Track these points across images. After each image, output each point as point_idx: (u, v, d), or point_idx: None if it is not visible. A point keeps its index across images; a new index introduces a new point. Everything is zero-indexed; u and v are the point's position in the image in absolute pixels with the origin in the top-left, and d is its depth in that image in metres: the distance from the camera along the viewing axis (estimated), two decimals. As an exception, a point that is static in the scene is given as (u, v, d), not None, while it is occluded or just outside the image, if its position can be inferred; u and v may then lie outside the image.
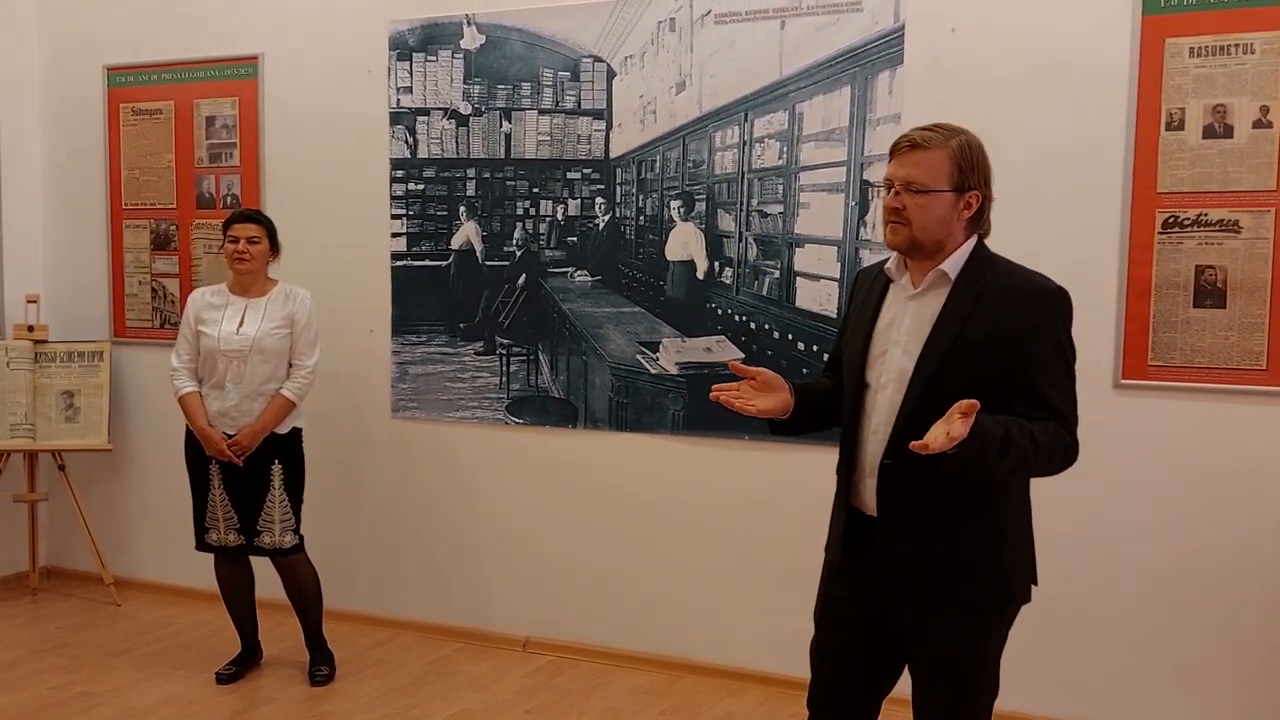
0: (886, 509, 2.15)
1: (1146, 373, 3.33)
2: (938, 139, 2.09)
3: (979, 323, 2.05)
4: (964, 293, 2.09)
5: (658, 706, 3.71)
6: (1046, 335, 2.06)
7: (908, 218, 2.09)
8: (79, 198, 4.92)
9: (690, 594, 3.96)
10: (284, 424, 3.79)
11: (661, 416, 3.94)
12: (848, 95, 3.61)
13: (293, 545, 3.82)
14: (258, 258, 3.77)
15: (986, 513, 2.13)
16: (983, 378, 2.03)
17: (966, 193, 2.10)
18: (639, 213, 3.96)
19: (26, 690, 3.78)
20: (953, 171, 2.08)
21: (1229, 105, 3.21)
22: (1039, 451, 2.01)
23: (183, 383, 3.81)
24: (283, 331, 3.77)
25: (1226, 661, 3.30)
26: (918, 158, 2.09)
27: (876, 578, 2.19)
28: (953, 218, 2.10)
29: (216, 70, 4.60)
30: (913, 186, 2.09)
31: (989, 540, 2.13)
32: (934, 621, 2.16)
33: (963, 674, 2.19)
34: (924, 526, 2.12)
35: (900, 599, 2.18)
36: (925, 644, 2.19)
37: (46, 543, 5.05)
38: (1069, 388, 2.08)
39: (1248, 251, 3.21)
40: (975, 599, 2.14)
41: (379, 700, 3.73)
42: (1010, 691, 3.51)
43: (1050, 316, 2.07)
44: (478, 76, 4.15)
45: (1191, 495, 3.31)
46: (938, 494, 2.09)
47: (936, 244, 2.11)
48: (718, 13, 3.77)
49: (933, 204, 2.08)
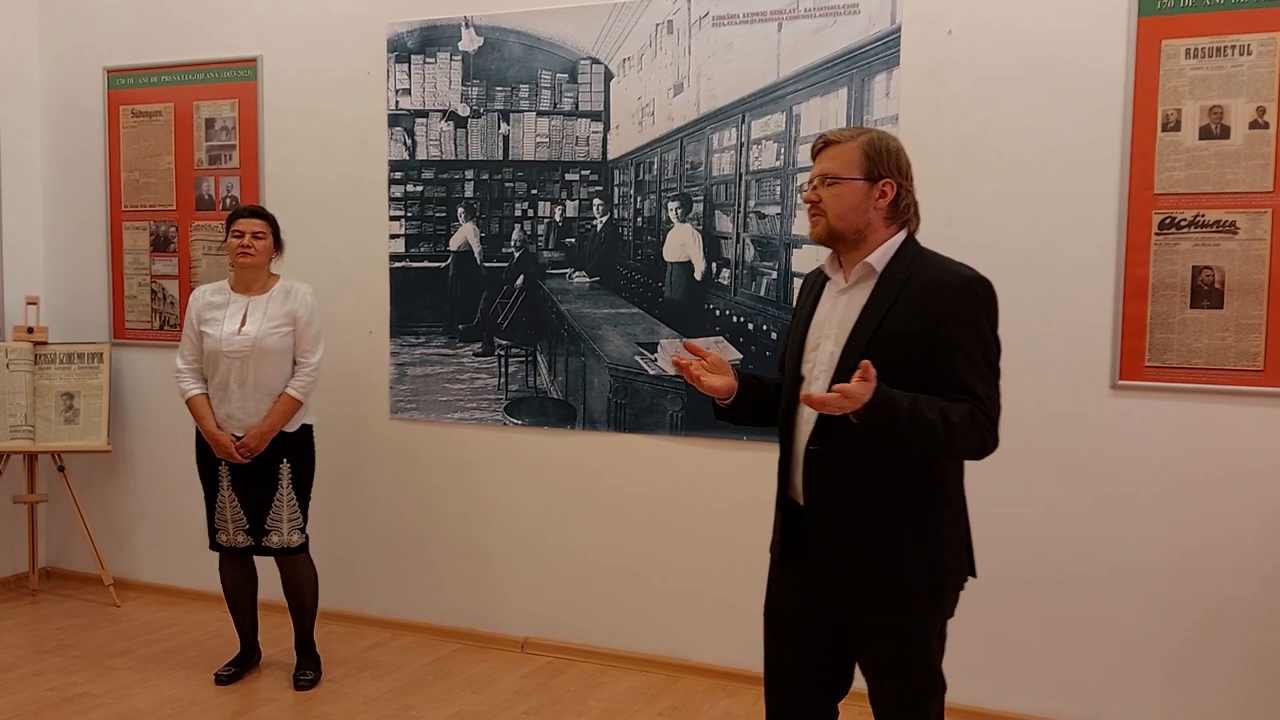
0: (813, 495, 2.21)
1: (1143, 374, 3.34)
2: (849, 135, 2.22)
3: (901, 312, 2.13)
4: (889, 284, 2.17)
5: (656, 707, 3.71)
6: (964, 323, 2.11)
7: (823, 209, 2.20)
8: (79, 200, 4.93)
9: (688, 594, 3.97)
10: (292, 422, 3.77)
11: (660, 417, 3.95)
12: (845, 97, 3.61)
13: (300, 544, 3.82)
14: (262, 253, 3.75)
15: (913, 499, 2.17)
16: (905, 365, 2.09)
17: (879, 181, 2.19)
18: (637, 214, 3.97)
19: (26, 691, 3.78)
20: (863, 161, 2.19)
21: (1225, 106, 3.22)
22: (950, 429, 2.05)
23: (188, 385, 3.80)
24: (284, 329, 3.75)
25: (1223, 661, 3.30)
26: (832, 152, 2.21)
27: (812, 567, 2.24)
28: (868, 206, 2.19)
29: (216, 72, 4.61)
30: (827, 178, 2.20)
31: (916, 526, 2.17)
32: (867, 609, 2.20)
33: (900, 662, 2.22)
34: (850, 511, 2.17)
35: (834, 587, 2.22)
36: (861, 632, 2.23)
37: (46, 544, 5.06)
38: (988, 374, 2.13)
39: (1244, 252, 3.22)
40: (905, 585, 2.18)
41: (377, 701, 3.73)
42: (1007, 691, 3.54)
43: (968, 304, 2.13)
44: (476, 78, 4.16)
45: (1188, 495, 3.31)
46: (863, 479, 2.15)
47: (855, 233, 2.20)
48: (715, 15, 3.78)
49: (845, 192, 2.19)
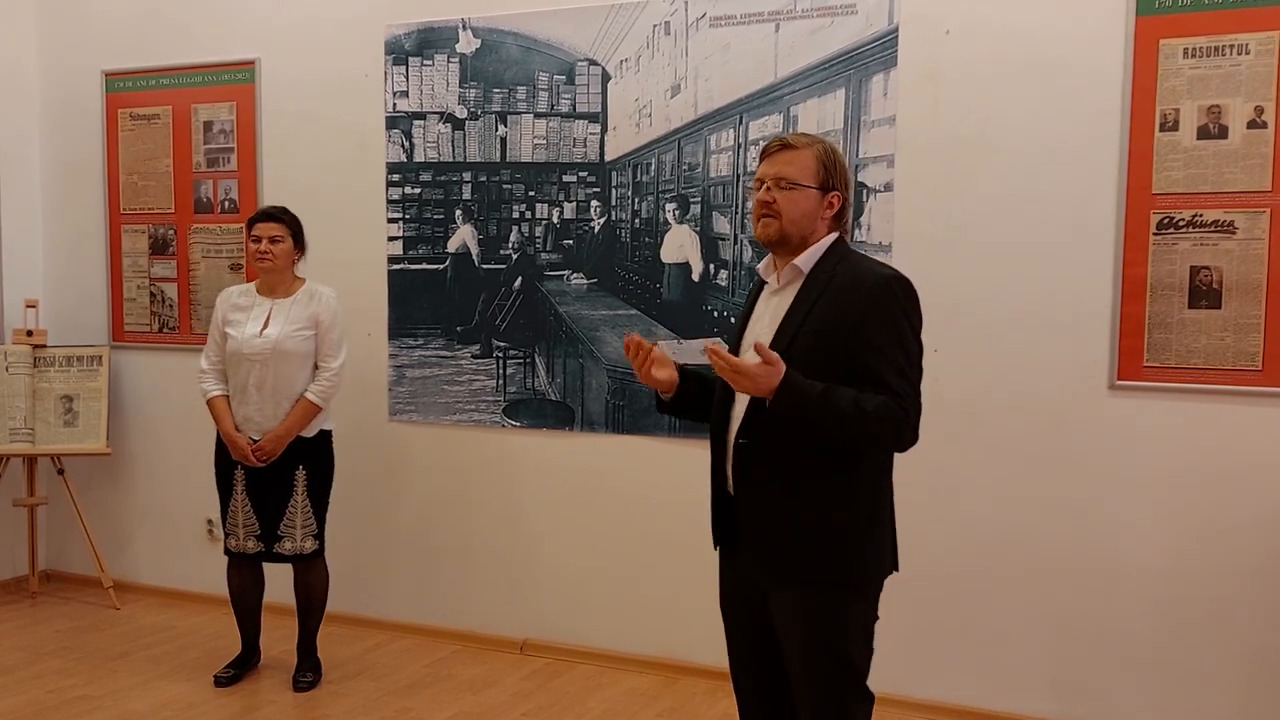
0: (741, 484, 2.29)
1: (1141, 374, 3.33)
2: (805, 141, 2.29)
3: (822, 311, 2.19)
4: (813, 284, 2.24)
5: (655, 708, 3.71)
6: (881, 321, 2.17)
7: (778, 210, 2.25)
8: (77, 203, 4.93)
9: (687, 595, 3.96)
10: (310, 427, 3.75)
11: (658, 419, 3.94)
12: (842, 98, 3.61)
13: (313, 551, 3.81)
14: (280, 256, 3.72)
15: (835, 490, 2.22)
16: (826, 361, 2.15)
17: (829, 193, 2.27)
18: (634, 216, 3.97)
19: (26, 694, 3.78)
20: (819, 171, 2.25)
21: (1223, 106, 3.21)
22: (864, 417, 2.11)
23: (210, 385, 3.80)
24: (306, 333, 3.73)
25: (1221, 661, 3.30)
26: (788, 156, 2.26)
27: (743, 555, 2.32)
28: (817, 215, 2.26)
29: (214, 75, 4.61)
30: (783, 182, 2.24)
31: (836, 517, 2.22)
32: (786, 596, 2.26)
33: (816, 651, 2.24)
34: (775, 500, 2.24)
35: (760, 574, 2.30)
36: (780, 619, 2.29)
37: (45, 547, 5.07)
38: (906, 369, 2.18)
39: (1242, 252, 3.21)
40: (822, 574, 2.22)
41: (377, 703, 3.73)
42: (1004, 691, 3.53)
43: (885, 302, 2.18)
44: (473, 80, 4.16)
45: (1186, 496, 3.31)
46: (788, 471, 2.22)
47: (801, 238, 2.26)
48: (713, 16, 3.78)
49: (801, 198, 2.24)
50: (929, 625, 3.61)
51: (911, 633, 3.61)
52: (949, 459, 3.55)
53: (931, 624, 3.61)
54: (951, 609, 3.59)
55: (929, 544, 3.58)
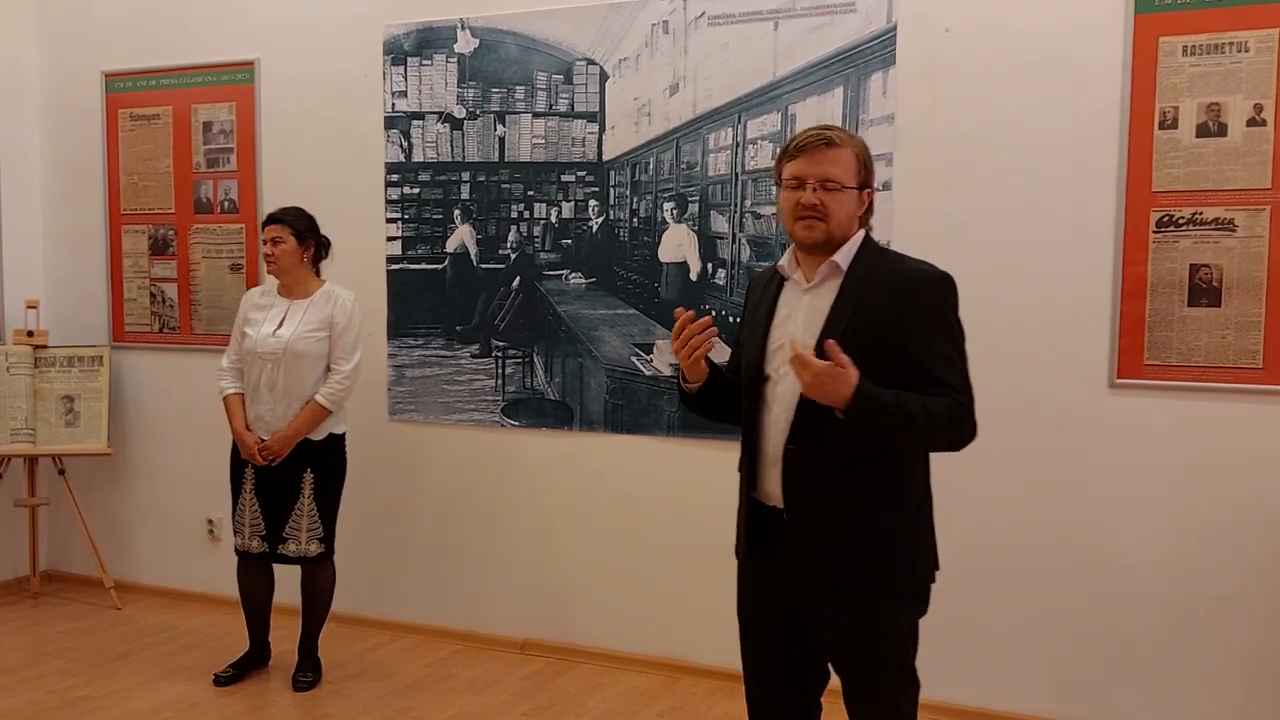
0: (792, 495, 2.19)
1: (1142, 372, 3.32)
2: (846, 138, 2.19)
3: (869, 309, 2.13)
4: (855, 283, 2.17)
5: (656, 708, 3.71)
6: (933, 317, 2.13)
7: (826, 213, 2.14)
8: (78, 203, 4.94)
9: (688, 595, 3.96)
10: (319, 430, 3.74)
11: (657, 418, 3.94)
12: (841, 96, 3.60)
13: (318, 554, 3.80)
14: (283, 257, 3.72)
15: (889, 498, 2.18)
16: (876, 361, 2.08)
17: (864, 190, 2.21)
18: (633, 215, 3.96)
19: (27, 694, 3.79)
20: (859, 170, 2.18)
21: (1223, 104, 3.20)
22: (932, 420, 2.08)
23: (226, 383, 3.82)
24: (319, 335, 3.72)
25: (1221, 660, 3.29)
26: (833, 155, 2.14)
27: (783, 567, 2.23)
28: (856, 214, 2.20)
29: (214, 76, 4.61)
30: (830, 184, 2.14)
31: (893, 525, 2.19)
32: (842, 609, 2.19)
33: (872, 658, 2.22)
34: (828, 510, 2.17)
35: (806, 587, 2.21)
36: (835, 633, 2.23)
37: (47, 547, 5.07)
38: (960, 365, 2.15)
39: (1243, 250, 3.20)
40: (881, 584, 2.18)
41: (377, 703, 3.73)
42: (1004, 691, 3.53)
43: (935, 300, 2.14)
44: (472, 80, 4.16)
45: (1187, 494, 3.30)
46: (840, 477, 2.15)
47: (844, 239, 2.19)
48: (711, 15, 3.77)
49: (846, 200, 2.16)
50: (929, 624, 3.58)
51: (911, 632, 3.60)
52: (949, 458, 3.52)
53: (932, 623, 3.57)
54: (952, 608, 3.56)
55: (929, 543, 3.57)
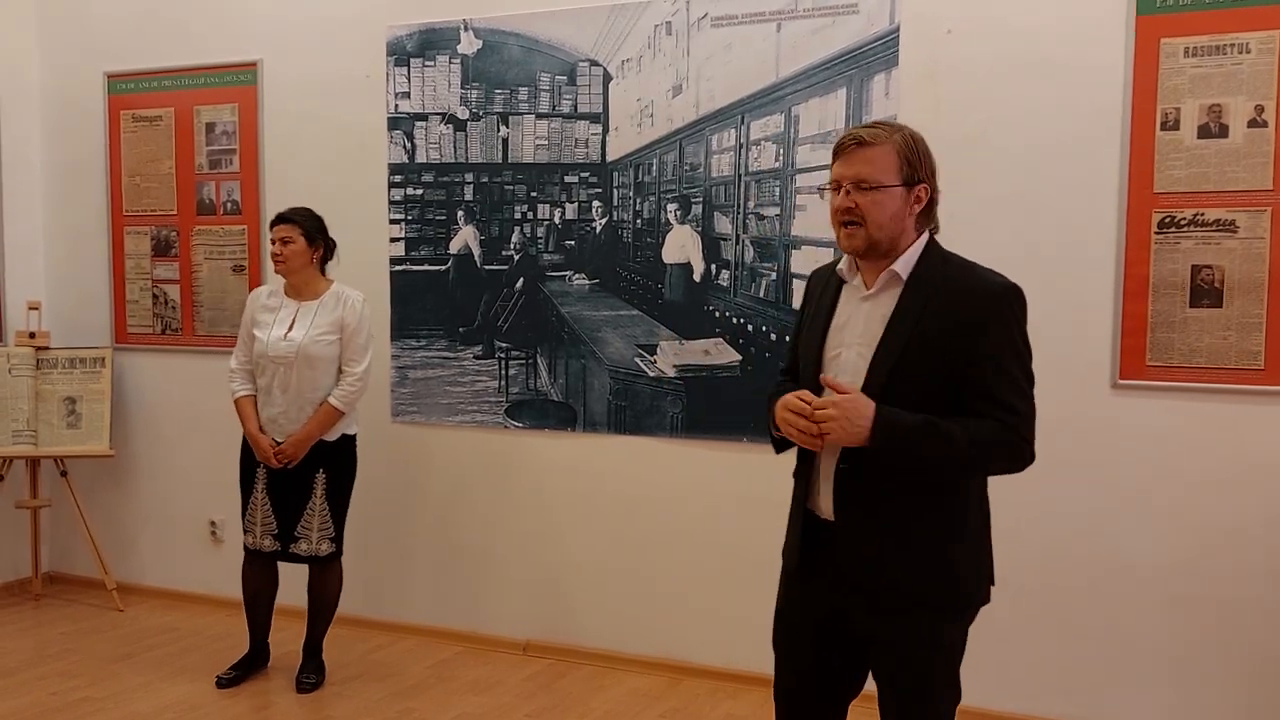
0: (844, 512, 2.12)
1: (1144, 373, 3.33)
2: (883, 134, 2.08)
3: (931, 322, 2.03)
4: (916, 292, 2.07)
5: (658, 709, 3.71)
6: (999, 333, 2.04)
7: (862, 216, 2.06)
8: (80, 204, 4.94)
9: (690, 596, 3.96)
10: (332, 431, 3.74)
11: (660, 419, 3.94)
12: (843, 97, 3.61)
13: (329, 554, 3.80)
14: (293, 258, 3.72)
15: (943, 516, 2.11)
16: (936, 377, 2.02)
17: (916, 186, 2.09)
18: (636, 216, 3.97)
19: (29, 696, 3.79)
20: (901, 166, 2.07)
21: (1225, 105, 3.21)
22: (975, 446, 2.00)
23: (238, 385, 3.81)
24: (331, 337, 3.72)
25: (1224, 661, 3.29)
26: (866, 154, 2.06)
27: (831, 581, 2.17)
28: (905, 214, 2.09)
29: (216, 77, 4.61)
30: (864, 184, 2.06)
31: (946, 544, 2.11)
32: (891, 626, 2.13)
33: (922, 678, 2.17)
34: (881, 530, 2.10)
35: (857, 603, 2.15)
36: (883, 649, 2.17)
37: (49, 549, 5.07)
38: (1023, 384, 2.05)
39: (1245, 251, 3.21)
40: (932, 603, 2.12)
41: (380, 704, 3.73)
42: (1009, 693, 3.53)
43: (1003, 314, 2.05)
44: (475, 81, 4.16)
45: (1189, 495, 3.30)
46: (894, 496, 2.08)
47: (892, 242, 2.08)
48: (714, 16, 3.78)
49: (885, 199, 2.06)
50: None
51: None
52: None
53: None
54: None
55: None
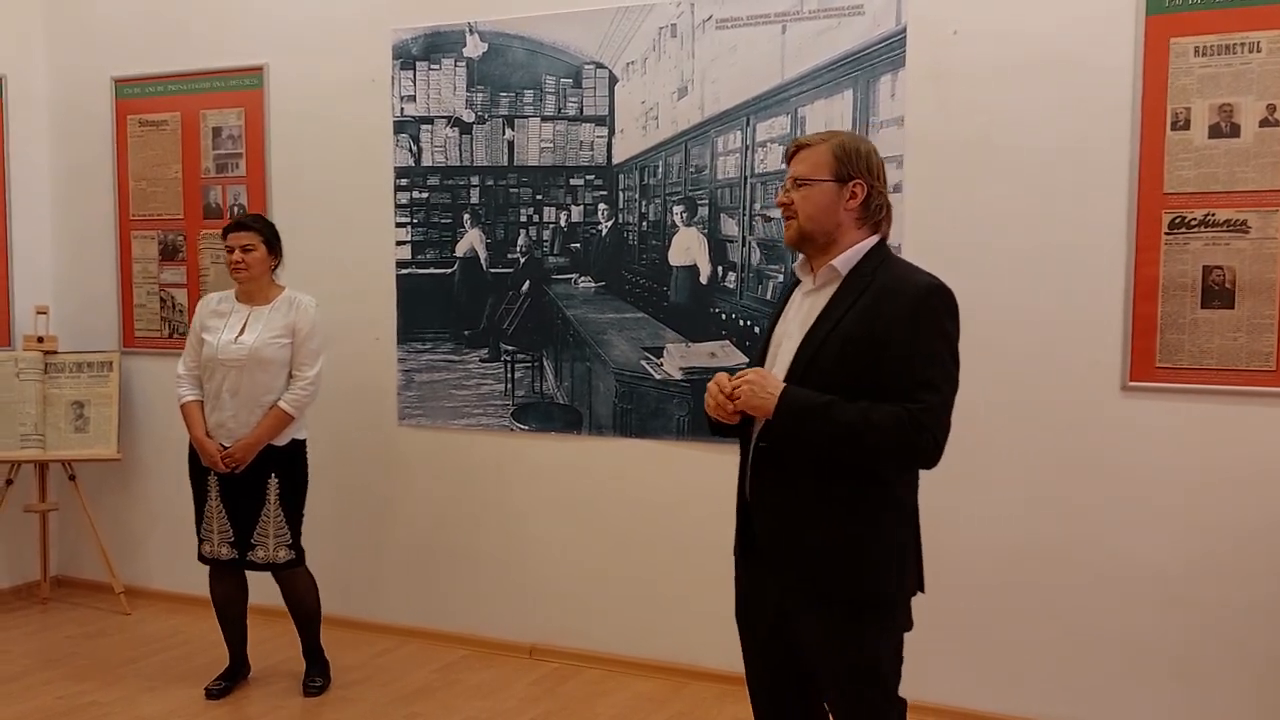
0: (757, 492, 2.21)
1: (1154, 375, 3.30)
2: (820, 139, 2.24)
3: (856, 316, 2.12)
4: (849, 288, 2.17)
5: (664, 713, 3.69)
6: (917, 331, 2.09)
7: (795, 211, 2.21)
8: (87, 209, 4.95)
9: (697, 599, 3.94)
10: (282, 436, 3.72)
11: (666, 422, 3.93)
12: (849, 99, 3.59)
13: (287, 560, 3.76)
14: (254, 265, 3.71)
15: (858, 505, 2.14)
16: (854, 368, 2.10)
17: (849, 182, 2.20)
18: (642, 218, 3.95)
19: (36, 699, 3.79)
20: (833, 164, 2.19)
21: (1235, 104, 3.18)
22: (871, 428, 2.04)
23: (185, 390, 3.78)
24: (283, 341, 3.72)
25: (1233, 665, 3.26)
26: (803, 155, 2.23)
27: (763, 568, 2.24)
28: (838, 207, 2.20)
29: (222, 81, 4.62)
30: (798, 181, 2.22)
31: (863, 531, 2.14)
32: (809, 614, 2.18)
33: (844, 673, 2.19)
34: (792, 511, 2.16)
35: (781, 589, 2.22)
36: (807, 639, 2.21)
37: (57, 552, 5.08)
38: (934, 379, 2.09)
39: (1256, 251, 3.18)
40: (846, 594, 2.15)
41: (385, 708, 3.72)
42: (1014, 695, 3.50)
43: (922, 313, 2.10)
44: (480, 84, 4.16)
45: (1200, 498, 3.27)
46: (808, 480, 2.14)
47: (826, 235, 2.20)
48: (719, 18, 3.76)
49: (815, 194, 2.20)
50: (942, 629, 3.58)
51: (924, 637, 3.54)
52: (960, 462, 3.50)
53: (944, 628, 3.58)
54: (964, 612, 3.57)
55: (941, 548, 3.53)
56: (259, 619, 4.05)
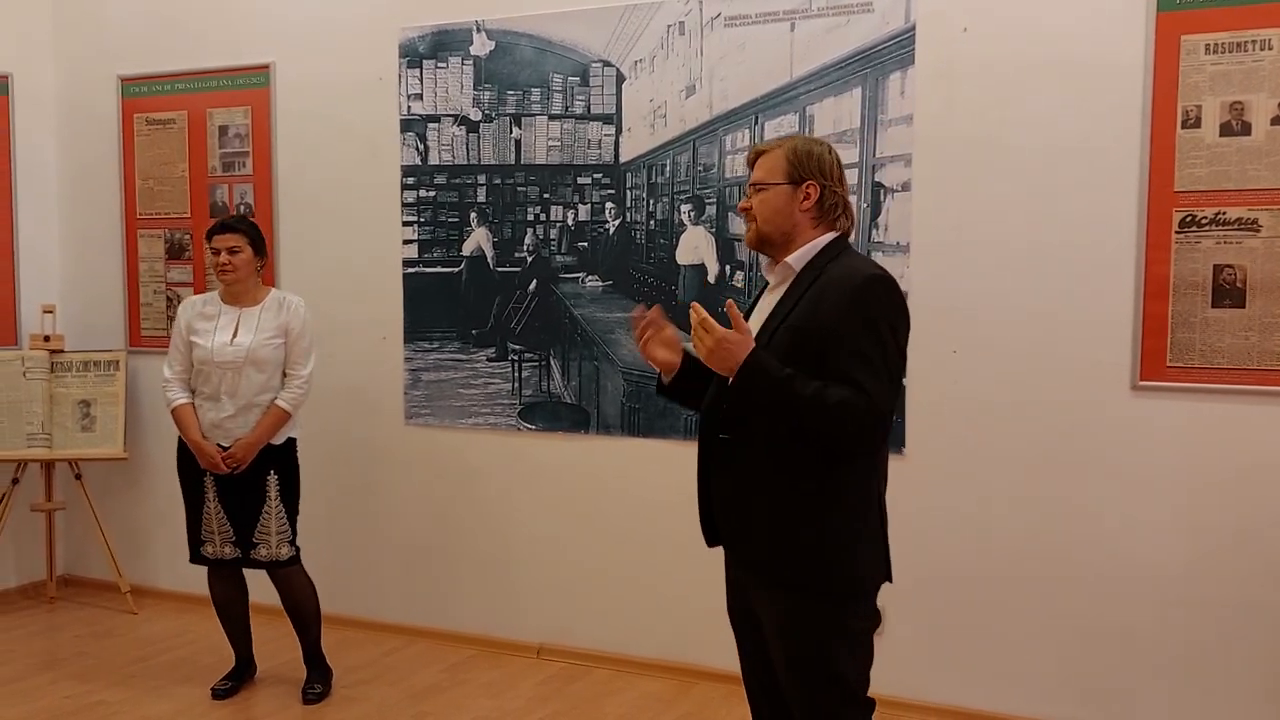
0: (719, 481, 2.28)
1: (1165, 374, 3.29)
2: (775, 144, 2.33)
3: (804, 309, 2.19)
4: (801, 282, 2.24)
5: (671, 713, 3.68)
6: (857, 318, 2.13)
7: (754, 214, 2.30)
8: (93, 208, 4.95)
9: (704, 600, 3.90)
10: (278, 435, 3.73)
11: (674, 421, 3.92)
12: (858, 97, 3.58)
13: (289, 557, 3.76)
14: (241, 267, 3.70)
15: (819, 491, 2.17)
16: (799, 357, 2.15)
17: (803, 184, 2.27)
18: (649, 217, 3.94)
19: (43, 699, 3.79)
20: (787, 167, 2.27)
21: (1246, 102, 3.17)
22: (823, 404, 2.07)
23: (175, 394, 3.76)
24: (277, 341, 3.71)
25: (1243, 666, 3.25)
26: (760, 161, 2.32)
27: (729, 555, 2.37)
28: (793, 208, 2.27)
29: (229, 80, 4.62)
30: (756, 185, 2.31)
31: (819, 519, 2.16)
32: (765, 599, 2.25)
33: (797, 660, 2.21)
34: (751, 499, 2.22)
35: (742, 574, 2.33)
36: (764, 623, 2.28)
37: (63, 552, 5.08)
38: (878, 369, 2.12)
39: (1267, 250, 3.16)
40: (802, 580, 2.18)
41: (393, 708, 3.72)
42: (1022, 695, 3.49)
43: (863, 300, 2.14)
44: (488, 83, 4.15)
45: (1211, 497, 3.26)
46: (769, 468, 2.18)
47: (782, 235, 2.28)
48: (727, 16, 3.75)
49: (770, 197, 2.28)
50: (948, 629, 3.57)
51: (930, 636, 3.57)
52: (968, 461, 3.51)
53: (951, 627, 3.57)
54: (971, 612, 3.56)
55: (948, 547, 3.54)
56: (263, 619, 4.05)
